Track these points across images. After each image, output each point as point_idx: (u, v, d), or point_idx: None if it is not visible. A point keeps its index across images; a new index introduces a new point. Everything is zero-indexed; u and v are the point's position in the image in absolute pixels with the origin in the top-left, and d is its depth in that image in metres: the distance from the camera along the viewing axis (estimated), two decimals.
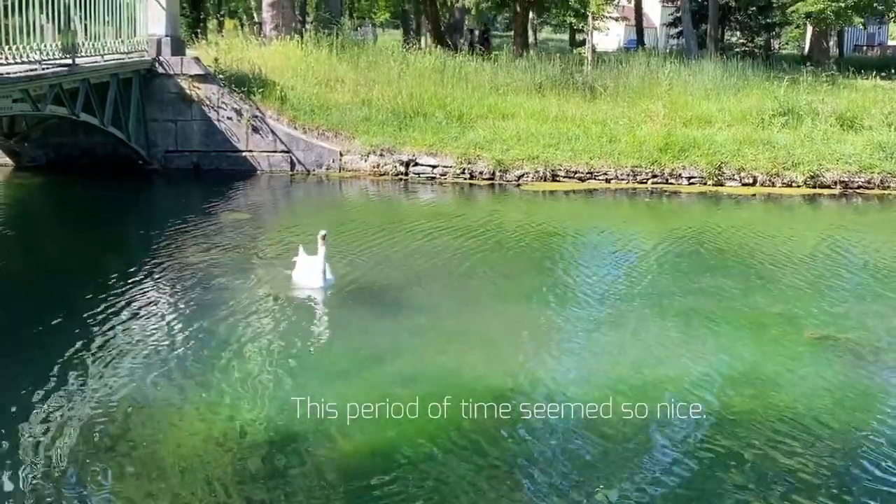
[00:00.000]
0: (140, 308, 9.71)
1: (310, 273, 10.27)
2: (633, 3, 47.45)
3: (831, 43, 41.48)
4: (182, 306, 9.80)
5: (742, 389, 7.92)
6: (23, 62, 13.21)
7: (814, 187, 17.95)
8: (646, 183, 18.15)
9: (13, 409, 7.07)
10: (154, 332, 8.98)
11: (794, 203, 17.21)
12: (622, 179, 18.21)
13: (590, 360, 8.63)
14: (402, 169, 18.63)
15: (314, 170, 18.99)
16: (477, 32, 38.48)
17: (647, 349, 8.85)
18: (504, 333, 9.28)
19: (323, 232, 10.29)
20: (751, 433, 7.02)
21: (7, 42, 12.79)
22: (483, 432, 6.88)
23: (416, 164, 18.62)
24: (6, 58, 12.58)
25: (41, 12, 13.83)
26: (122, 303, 9.80)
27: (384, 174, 18.63)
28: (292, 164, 19.03)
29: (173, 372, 7.91)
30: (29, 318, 9.26)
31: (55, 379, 7.66)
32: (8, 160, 18.94)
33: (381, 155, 18.75)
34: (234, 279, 10.83)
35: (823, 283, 11.37)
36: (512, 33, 41.19)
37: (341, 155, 18.97)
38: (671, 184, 18.13)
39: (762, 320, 9.83)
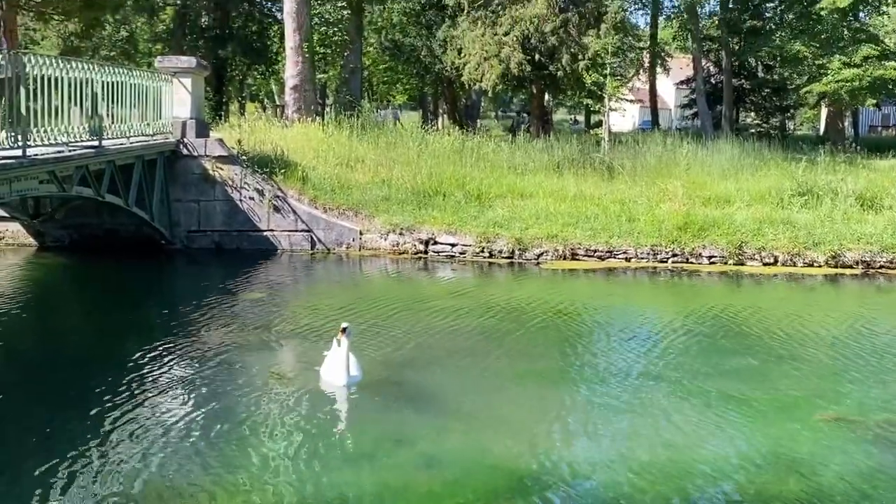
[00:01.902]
0: (160, 390, 9.67)
1: (332, 369, 9.82)
2: (647, 85, 48.11)
3: (846, 123, 41.78)
4: (203, 389, 9.74)
5: (766, 473, 7.75)
6: (50, 144, 13.46)
7: (835, 267, 17.85)
8: (666, 262, 18.12)
9: (37, 492, 6.99)
10: (174, 414, 8.91)
11: (816, 283, 17.10)
12: (642, 258, 18.20)
13: (611, 444, 8.47)
14: (422, 247, 18.72)
15: (334, 248, 19.10)
16: (524, 117, 39.00)
17: (669, 432, 8.70)
18: (526, 416, 9.16)
19: (344, 325, 9.74)
20: None
21: (35, 125, 13.04)
22: None
23: (436, 243, 18.71)
24: (34, 140, 12.80)
25: (69, 97, 14.14)
26: (142, 385, 9.77)
27: (404, 253, 18.71)
28: (313, 243, 19.16)
29: (193, 455, 7.84)
30: (49, 400, 9.25)
31: (76, 460, 7.60)
32: (32, 240, 19.17)
33: (400, 234, 18.87)
34: (256, 361, 10.79)
35: (847, 365, 11.20)
36: (528, 114, 41.72)
37: (361, 234, 19.09)
38: (691, 263, 18.09)
39: (786, 402, 9.67)
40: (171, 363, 10.67)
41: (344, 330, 9.63)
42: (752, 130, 39.53)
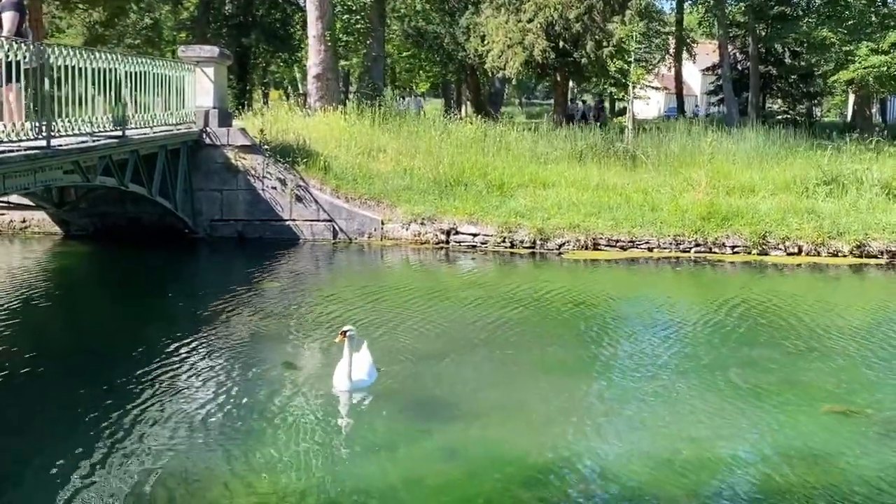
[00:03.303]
0: (182, 378, 9.74)
1: (336, 373, 9.36)
2: (673, 72, 47.73)
3: (874, 110, 41.29)
4: (224, 377, 9.80)
5: (791, 465, 7.68)
6: (74, 134, 13.55)
7: (860, 256, 17.66)
8: (689, 252, 18.01)
9: (58, 480, 7.07)
10: (198, 401, 8.98)
11: (841, 273, 16.94)
12: (665, 248, 18.10)
13: (634, 435, 8.43)
14: (443, 237, 18.71)
15: (356, 238, 19.13)
16: (588, 105, 38.93)
17: (693, 423, 8.66)
18: (547, 406, 9.14)
19: (346, 328, 9.29)
20: None
21: (60, 115, 13.13)
22: None
23: (457, 233, 18.69)
24: (58, 130, 12.90)
25: (92, 87, 14.23)
26: (165, 372, 9.84)
27: (425, 243, 18.71)
28: (335, 233, 19.20)
29: (214, 443, 7.90)
30: (72, 387, 9.34)
31: (98, 448, 7.67)
32: (57, 229, 19.35)
33: (422, 223, 18.86)
34: (277, 350, 10.85)
35: (873, 357, 11.11)
36: (552, 102, 41.56)
37: (383, 223, 19.11)
38: (715, 253, 17.97)
39: (811, 393, 9.59)
40: (195, 351, 10.75)
41: (344, 333, 9.17)
42: (779, 117, 39.15)
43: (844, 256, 17.68)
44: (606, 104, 46.56)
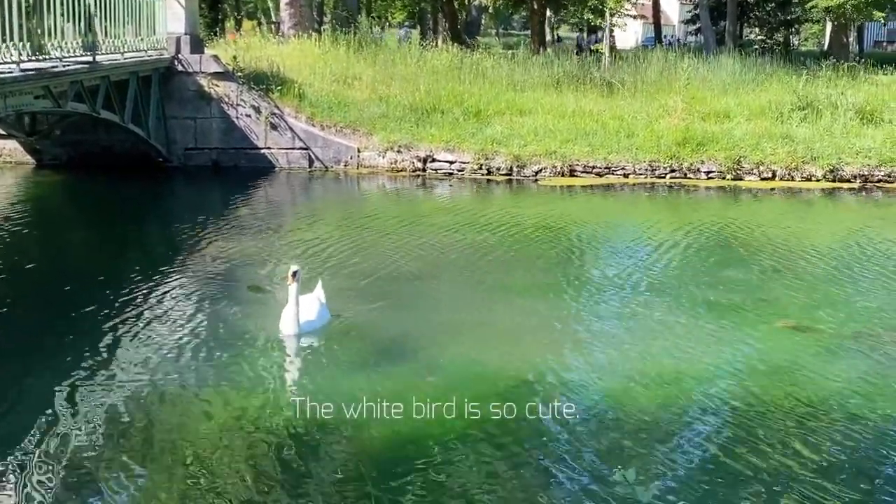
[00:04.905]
0: (160, 304, 9.78)
1: (283, 317, 8.62)
2: (650, 0, 47.29)
3: (851, 39, 41.16)
4: (202, 302, 9.85)
5: (762, 380, 7.88)
6: (44, 59, 13.34)
7: (833, 181, 17.82)
8: (664, 178, 18.11)
9: (41, 403, 7.13)
10: (175, 326, 9.04)
11: (814, 197, 17.12)
12: (640, 174, 18.19)
13: (609, 353, 8.58)
14: (420, 165, 18.68)
15: (332, 166, 19.07)
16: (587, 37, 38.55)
17: (666, 341, 8.82)
18: (523, 327, 9.26)
19: (294, 268, 8.61)
20: (773, 423, 6.99)
21: (29, 40, 12.90)
22: (503, 425, 6.86)
23: (434, 161, 18.66)
24: (28, 55, 12.69)
25: (61, 13, 13.97)
26: (140, 299, 9.86)
27: (402, 170, 18.67)
28: (310, 161, 19.12)
29: (194, 365, 7.98)
30: (50, 316, 9.39)
31: (78, 373, 7.73)
32: (29, 158, 19.14)
33: (398, 151, 18.81)
34: (253, 276, 10.89)
35: (843, 276, 11.31)
36: (529, 32, 41.15)
37: (359, 151, 19.03)
38: (689, 178, 18.07)
39: (782, 312, 9.77)
40: (168, 277, 10.76)
41: (294, 274, 8.52)
42: (756, 46, 38.97)
43: (818, 181, 17.83)
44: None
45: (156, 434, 6.68)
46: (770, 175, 18.02)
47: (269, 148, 19.15)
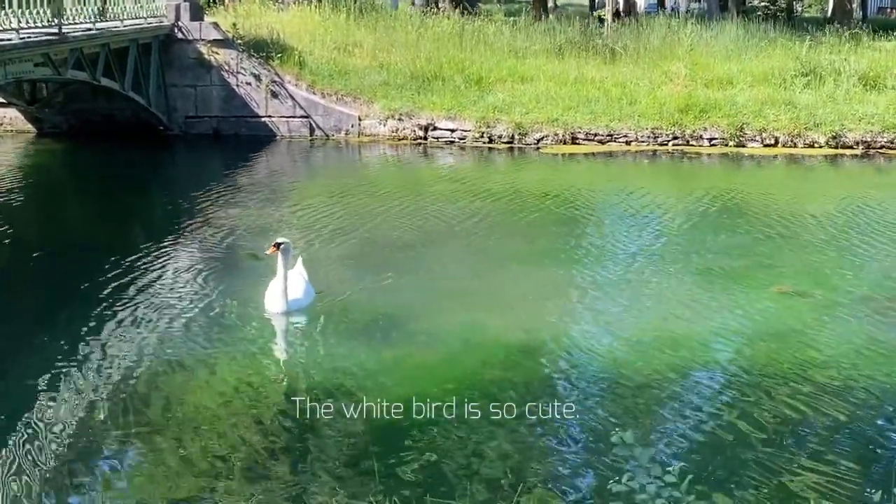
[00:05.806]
0: (162, 273, 9.81)
1: (269, 294, 8.33)
2: None
3: (855, 5, 40.84)
4: (204, 271, 9.84)
5: (762, 344, 7.95)
6: (43, 27, 13.28)
7: (836, 147, 17.74)
8: (666, 145, 18.04)
9: (45, 369, 7.18)
10: (176, 295, 9.07)
11: (816, 164, 17.07)
12: (642, 141, 18.12)
13: (610, 318, 8.63)
14: (421, 133, 18.60)
15: (333, 134, 19.00)
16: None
17: (667, 307, 8.86)
18: (525, 293, 9.30)
19: (279, 240, 8.23)
20: (772, 386, 7.03)
21: (29, 7, 12.84)
22: (505, 389, 6.90)
23: (435, 129, 18.58)
24: (27, 21, 12.63)
25: None
26: (141, 268, 9.89)
27: (403, 138, 18.61)
28: (311, 129, 19.05)
29: (196, 334, 8.01)
30: (52, 285, 9.44)
31: (80, 343, 7.77)
32: (30, 127, 19.09)
33: (399, 119, 18.73)
34: (254, 244, 10.88)
35: (845, 242, 11.31)
36: None
37: (360, 119, 18.96)
38: (692, 145, 17.99)
39: (783, 279, 9.78)
40: (168, 246, 10.80)
41: (278, 246, 8.07)
42: (759, 12, 38.67)
43: (820, 147, 17.75)
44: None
45: (153, 404, 6.70)
46: (773, 142, 17.94)
47: (269, 116, 19.08)
